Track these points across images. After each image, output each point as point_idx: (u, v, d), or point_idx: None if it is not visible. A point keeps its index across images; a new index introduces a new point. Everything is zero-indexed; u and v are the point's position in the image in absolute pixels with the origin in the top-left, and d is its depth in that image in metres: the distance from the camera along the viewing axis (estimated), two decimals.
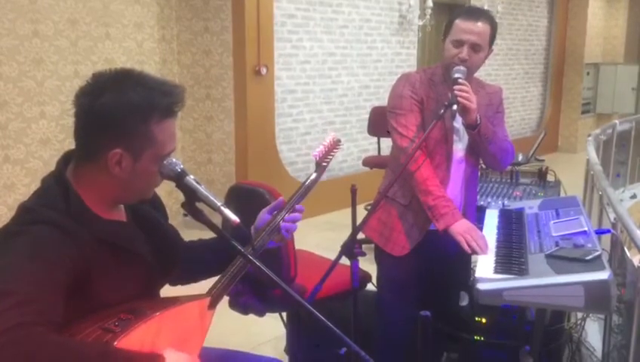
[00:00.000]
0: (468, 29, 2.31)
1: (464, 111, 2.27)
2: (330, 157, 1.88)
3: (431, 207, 2.31)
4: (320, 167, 1.86)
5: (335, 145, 1.88)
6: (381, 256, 2.58)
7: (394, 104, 2.44)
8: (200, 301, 1.58)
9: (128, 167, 1.42)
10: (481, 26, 2.31)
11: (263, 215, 1.78)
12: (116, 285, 1.43)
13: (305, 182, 1.81)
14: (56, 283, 1.28)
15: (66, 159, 1.49)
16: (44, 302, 1.24)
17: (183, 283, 1.77)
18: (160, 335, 1.40)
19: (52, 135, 4.72)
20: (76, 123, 1.43)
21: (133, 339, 1.33)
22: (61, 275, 1.30)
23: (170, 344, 1.41)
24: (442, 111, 2.23)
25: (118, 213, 1.53)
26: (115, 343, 1.29)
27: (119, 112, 1.38)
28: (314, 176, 1.84)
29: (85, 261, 1.35)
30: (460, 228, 2.26)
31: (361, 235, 2.35)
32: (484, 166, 2.67)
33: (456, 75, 2.28)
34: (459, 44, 2.31)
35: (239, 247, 1.46)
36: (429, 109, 2.39)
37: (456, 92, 2.23)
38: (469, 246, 2.22)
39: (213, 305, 1.60)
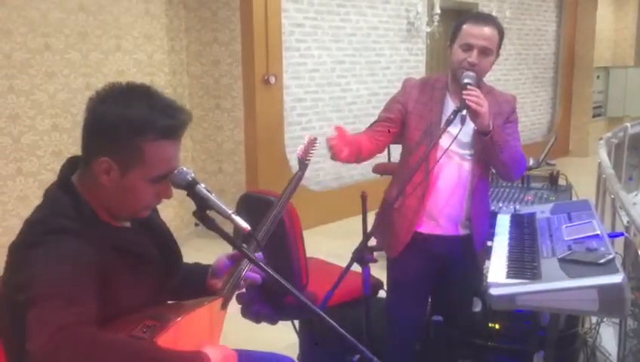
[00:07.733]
0: (477, 33, 2.30)
1: (474, 115, 2.24)
2: (311, 154, 2.11)
3: None
4: (303, 164, 2.09)
5: (312, 143, 2.11)
6: (387, 258, 2.61)
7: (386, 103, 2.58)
8: (213, 303, 1.59)
9: (115, 179, 1.41)
10: (490, 30, 2.31)
11: (222, 261, 1.73)
12: (130, 291, 1.44)
13: (292, 179, 2.02)
14: (88, 286, 1.29)
15: (72, 166, 1.49)
16: (84, 303, 1.26)
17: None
18: (182, 339, 1.41)
19: (64, 147, 4.75)
20: (82, 126, 1.45)
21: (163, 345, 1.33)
22: (90, 278, 1.31)
23: (191, 347, 1.41)
24: (452, 116, 2.23)
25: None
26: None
27: (114, 120, 1.39)
28: (299, 173, 2.07)
29: (103, 266, 1.36)
30: None
31: (372, 242, 2.35)
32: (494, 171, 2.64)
33: (466, 81, 2.27)
34: (468, 47, 2.30)
35: (252, 256, 1.47)
36: (414, 113, 2.43)
37: (464, 97, 2.22)
38: None
39: (224, 306, 1.62)
